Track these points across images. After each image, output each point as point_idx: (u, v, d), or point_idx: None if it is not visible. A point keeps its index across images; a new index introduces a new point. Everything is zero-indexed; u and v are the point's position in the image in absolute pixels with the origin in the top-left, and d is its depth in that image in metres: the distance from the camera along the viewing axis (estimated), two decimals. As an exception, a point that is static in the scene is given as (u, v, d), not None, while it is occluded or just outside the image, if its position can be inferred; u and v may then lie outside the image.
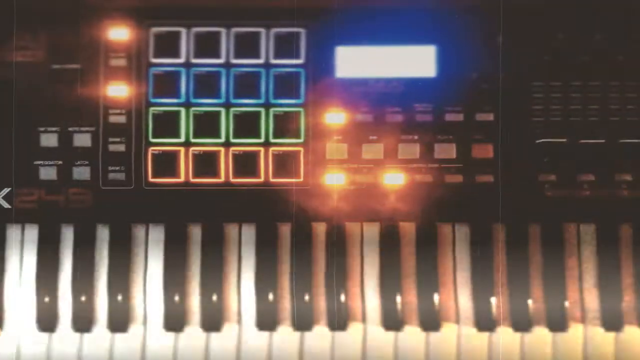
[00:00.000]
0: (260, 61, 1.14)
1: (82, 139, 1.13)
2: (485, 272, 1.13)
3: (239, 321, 1.13)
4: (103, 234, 1.15)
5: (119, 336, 1.12)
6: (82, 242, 1.14)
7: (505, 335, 1.12)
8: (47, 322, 1.12)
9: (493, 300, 1.12)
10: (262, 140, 1.13)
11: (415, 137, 1.13)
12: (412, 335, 1.12)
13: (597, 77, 1.12)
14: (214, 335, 1.12)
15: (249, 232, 1.15)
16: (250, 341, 1.12)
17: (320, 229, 1.15)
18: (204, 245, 1.14)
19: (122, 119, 1.13)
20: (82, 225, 1.14)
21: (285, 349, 1.12)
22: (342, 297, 1.12)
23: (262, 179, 1.13)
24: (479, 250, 1.13)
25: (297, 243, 1.14)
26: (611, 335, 1.12)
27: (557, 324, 1.11)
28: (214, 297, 1.12)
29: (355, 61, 1.13)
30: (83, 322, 1.12)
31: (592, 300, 1.12)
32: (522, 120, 1.13)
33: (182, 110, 1.13)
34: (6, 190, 1.13)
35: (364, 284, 1.14)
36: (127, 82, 1.13)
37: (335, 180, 1.13)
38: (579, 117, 1.13)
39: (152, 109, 1.14)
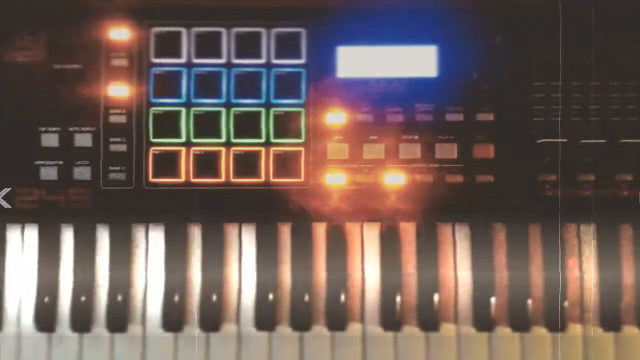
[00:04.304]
0: (261, 61, 1.14)
1: (83, 139, 1.13)
2: (485, 272, 1.13)
3: (239, 321, 1.13)
4: (103, 234, 1.14)
5: (118, 336, 1.12)
6: (82, 242, 1.14)
7: (504, 335, 1.12)
8: (47, 322, 1.12)
9: (492, 300, 1.12)
10: (262, 140, 1.13)
11: (416, 137, 1.13)
12: (411, 335, 1.12)
13: (597, 77, 1.13)
14: (213, 335, 1.12)
15: (249, 232, 1.15)
16: (250, 341, 1.12)
17: (320, 229, 1.15)
18: (204, 245, 1.14)
19: (122, 119, 1.13)
20: (82, 225, 1.14)
21: (284, 348, 1.12)
22: (342, 297, 1.12)
23: (262, 179, 1.13)
24: (479, 250, 1.14)
25: (297, 243, 1.14)
26: (610, 335, 1.12)
27: (556, 323, 1.11)
28: (214, 297, 1.12)
29: (356, 61, 1.13)
30: (83, 322, 1.12)
31: (591, 300, 1.13)
32: (523, 120, 1.13)
33: (183, 110, 1.13)
34: (6, 190, 1.12)
35: (364, 284, 1.14)
36: (128, 82, 1.14)
37: (335, 180, 1.13)
38: (579, 117, 1.13)
39: (152, 109, 1.14)
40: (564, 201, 1.12)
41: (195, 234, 1.15)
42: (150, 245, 1.15)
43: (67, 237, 1.14)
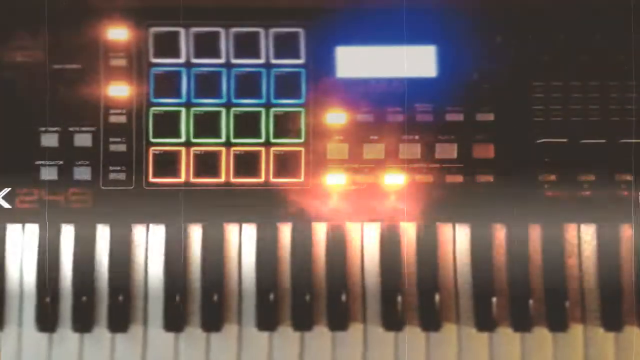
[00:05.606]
0: (261, 61, 1.14)
1: (83, 139, 1.13)
2: (485, 272, 1.13)
3: (239, 321, 1.13)
4: (103, 234, 1.14)
5: (119, 336, 1.12)
6: (82, 242, 1.14)
7: (505, 335, 1.12)
8: (47, 322, 1.12)
9: (493, 300, 1.12)
10: (262, 140, 1.13)
11: (416, 137, 1.13)
12: (412, 335, 1.12)
13: (597, 77, 1.13)
14: (214, 335, 1.12)
15: (249, 232, 1.15)
16: (251, 341, 1.12)
17: (320, 229, 1.15)
18: (204, 245, 1.14)
19: (122, 119, 1.13)
20: (82, 225, 1.14)
21: (285, 348, 1.12)
22: (342, 297, 1.12)
23: (262, 179, 1.13)
24: (479, 250, 1.14)
25: (297, 243, 1.14)
26: (611, 335, 1.12)
27: (557, 324, 1.11)
28: (214, 297, 1.12)
29: (355, 61, 1.13)
30: (83, 322, 1.12)
31: (592, 300, 1.13)
32: (523, 120, 1.13)
33: (183, 110, 1.13)
34: (6, 190, 1.12)
35: (364, 284, 1.14)
36: (128, 82, 1.14)
37: (336, 180, 1.13)
38: (579, 117, 1.13)
39: (152, 109, 1.14)
40: (564, 201, 1.12)
41: (195, 234, 1.15)
42: (150, 245, 1.15)
43: (67, 237, 1.14)
